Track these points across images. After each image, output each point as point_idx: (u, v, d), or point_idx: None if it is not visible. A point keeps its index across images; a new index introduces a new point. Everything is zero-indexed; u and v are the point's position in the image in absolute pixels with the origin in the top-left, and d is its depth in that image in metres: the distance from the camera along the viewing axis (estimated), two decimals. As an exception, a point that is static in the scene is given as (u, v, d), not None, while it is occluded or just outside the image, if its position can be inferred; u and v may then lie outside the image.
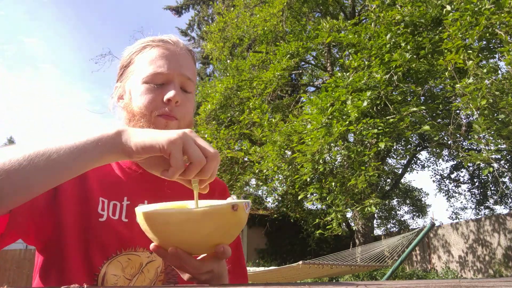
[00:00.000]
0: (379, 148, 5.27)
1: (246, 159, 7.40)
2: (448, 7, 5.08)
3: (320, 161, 5.53)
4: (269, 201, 14.32)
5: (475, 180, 13.22)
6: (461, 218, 14.03)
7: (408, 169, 12.64)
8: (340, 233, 5.87)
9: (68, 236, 0.77)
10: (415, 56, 5.78)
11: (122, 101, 0.91)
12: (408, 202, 15.26)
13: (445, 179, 14.12)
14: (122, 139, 0.60)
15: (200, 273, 0.65)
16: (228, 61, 9.55)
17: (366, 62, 6.02)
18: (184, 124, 0.88)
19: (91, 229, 0.78)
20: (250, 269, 4.91)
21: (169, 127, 0.83)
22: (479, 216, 11.95)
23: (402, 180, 13.70)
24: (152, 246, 0.64)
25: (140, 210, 0.62)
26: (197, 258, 0.67)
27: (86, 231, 0.78)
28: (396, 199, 15.08)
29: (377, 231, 14.71)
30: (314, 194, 6.03)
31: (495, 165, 4.49)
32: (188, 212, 0.58)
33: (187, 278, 0.68)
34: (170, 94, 0.83)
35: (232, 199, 0.67)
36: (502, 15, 4.48)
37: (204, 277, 0.67)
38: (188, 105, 0.89)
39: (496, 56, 5.61)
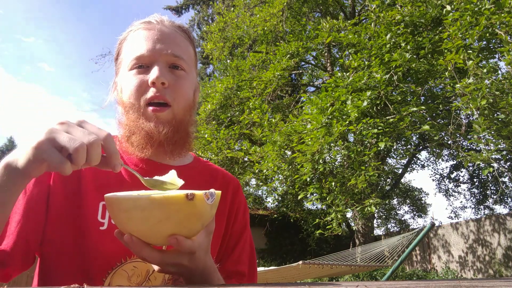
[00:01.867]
0: (379, 148, 5.27)
1: (246, 159, 7.40)
2: (448, 7, 5.08)
3: (320, 161, 5.53)
4: (269, 201, 14.33)
5: (475, 179, 13.23)
6: (460, 218, 14.04)
7: (408, 169, 12.65)
8: (340, 233, 5.87)
9: (64, 251, 0.74)
10: (415, 56, 5.78)
11: (116, 95, 0.87)
12: (408, 202, 15.26)
13: (445, 179, 14.13)
14: (12, 168, 0.57)
15: (163, 264, 0.62)
16: (228, 61, 9.56)
17: (366, 62, 6.02)
18: (180, 108, 0.82)
19: (92, 240, 0.74)
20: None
21: (161, 118, 0.79)
22: (479, 216, 11.96)
23: (402, 180, 13.70)
24: (115, 232, 0.62)
25: (106, 195, 0.60)
26: (163, 249, 0.64)
27: (85, 243, 0.74)
28: (396, 199, 15.08)
29: (377, 231, 14.72)
30: (314, 194, 6.03)
31: (495, 165, 4.49)
32: (135, 198, 0.55)
33: (156, 270, 0.65)
34: (153, 75, 0.77)
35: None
36: (502, 15, 4.47)
37: (172, 269, 0.63)
38: (181, 85, 0.82)
39: (496, 56, 5.61)
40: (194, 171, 0.92)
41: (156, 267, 0.65)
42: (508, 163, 10.38)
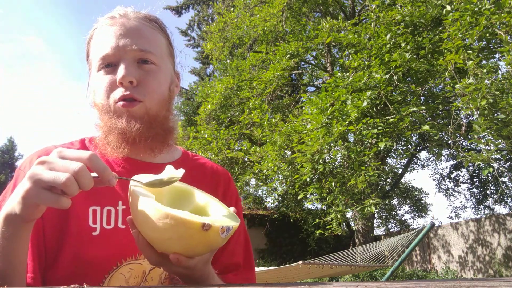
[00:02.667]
0: (379, 148, 5.27)
1: (246, 159, 7.40)
2: (448, 7, 5.08)
3: (320, 161, 5.53)
4: (269, 201, 14.32)
5: (475, 179, 13.23)
6: (460, 217, 14.05)
7: (408, 169, 12.65)
8: (340, 233, 5.86)
9: (58, 260, 0.73)
10: (415, 56, 5.78)
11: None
12: (408, 202, 15.26)
13: (445, 179, 14.13)
14: (12, 218, 0.58)
15: (159, 265, 0.62)
16: (228, 61, 9.55)
17: (366, 62, 6.02)
18: (153, 104, 0.79)
19: (85, 247, 0.73)
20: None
21: (132, 113, 0.76)
22: (479, 216, 11.96)
23: (402, 180, 13.71)
24: (128, 218, 0.62)
25: (134, 182, 0.61)
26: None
27: (79, 250, 0.73)
28: (396, 199, 15.08)
29: (377, 231, 14.72)
30: (314, 194, 6.03)
31: (495, 165, 4.49)
32: (155, 207, 0.56)
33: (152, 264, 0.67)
34: (119, 74, 0.75)
35: (228, 212, 0.64)
36: (502, 15, 4.47)
37: (168, 270, 0.64)
38: (151, 80, 0.78)
39: (496, 56, 5.61)
40: (182, 166, 0.91)
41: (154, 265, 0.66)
42: (508, 163, 10.39)
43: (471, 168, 12.53)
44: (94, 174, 0.57)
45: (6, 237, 0.59)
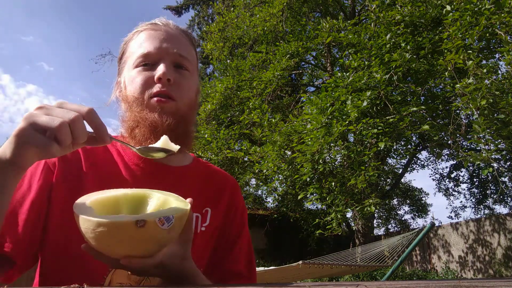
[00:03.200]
0: (379, 148, 5.27)
1: (246, 159, 7.40)
2: (448, 7, 5.08)
3: (320, 161, 5.53)
4: (269, 201, 14.33)
5: (475, 179, 13.23)
6: (460, 217, 14.05)
7: (408, 169, 12.65)
8: (340, 233, 5.87)
9: (64, 249, 0.74)
10: (415, 56, 5.78)
11: (120, 94, 0.89)
12: (408, 202, 15.26)
13: (445, 178, 14.13)
14: (2, 161, 0.55)
15: (127, 269, 0.62)
16: (228, 61, 9.55)
17: (366, 62, 6.02)
18: (183, 105, 0.83)
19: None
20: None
21: (163, 108, 0.80)
22: (479, 216, 11.96)
23: (402, 180, 13.70)
24: (82, 246, 0.62)
25: (78, 200, 0.61)
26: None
27: (85, 241, 0.74)
28: (396, 199, 15.08)
29: (377, 231, 14.72)
30: (314, 194, 6.03)
31: (495, 165, 4.50)
32: (87, 220, 0.55)
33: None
34: (159, 71, 0.80)
35: (178, 203, 0.63)
36: (502, 15, 4.47)
37: (140, 274, 0.64)
38: (185, 83, 0.84)
39: (496, 56, 5.61)
40: (193, 171, 0.92)
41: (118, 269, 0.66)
42: (508, 163, 10.38)
43: (471, 168, 12.54)
44: (90, 130, 0.57)
45: None
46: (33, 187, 0.76)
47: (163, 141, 0.67)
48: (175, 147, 0.66)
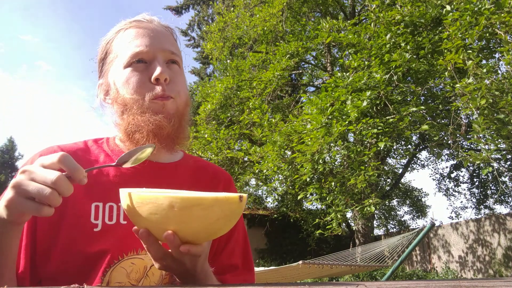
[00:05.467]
0: (378, 148, 5.27)
1: (246, 159, 7.40)
2: (448, 7, 5.08)
3: (320, 161, 5.53)
4: (269, 201, 14.32)
5: (475, 179, 13.23)
6: (461, 218, 14.04)
7: (408, 168, 12.65)
8: (340, 233, 5.87)
9: (59, 254, 0.74)
10: (415, 56, 5.78)
11: (109, 96, 0.85)
12: (408, 202, 15.25)
13: (445, 179, 14.12)
14: (1, 220, 0.60)
15: (165, 260, 0.64)
16: (228, 61, 9.56)
17: (366, 62, 6.02)
18: (181, 101, 0.83)
19: (87, 242, 0.75)
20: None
21: (166, 108, 0.79)
22: (479, 216, 11.96)
23: (402, 180, 13.70)
24: (133, 229, 0.63)
25: (134, 192, 0.61)
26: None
27: (81, 245, 0.74)
28: (396, 199, 15.07)
29: (377, 231, 14.72)
30: (314, 194, 6.03)
31: (495, 164, 4.49)
32: (199, 198, 0.58)
33: (156, 267, 0.67)
34: (156, 72, 0.78)
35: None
36: (502, 15, 4.47)
37: (172, 267, 0.65)
38: (180, 79, 0.84)
39: (496, 55, 5.61)
40: (183, 167, 0.92)
41: (156, 265, 0.66)
42: (508, 163, 10.38)
43: (471, 168, 12.54)
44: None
45: None
46: None
47: (137, 148, 0.69)
48: (150, 146, 0.69)
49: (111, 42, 0.86)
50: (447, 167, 15.28)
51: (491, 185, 12.73)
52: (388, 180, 13.35)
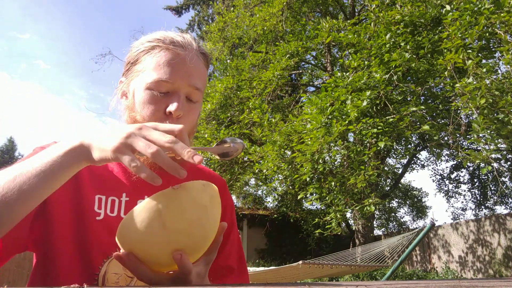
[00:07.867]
0: (378, 148, 5.27)
1: (246, 159, 7.41)
2: (448, 7, 5.08)
3: (320, 161, 5.53)
4: (269, 201, 14.33)
5: (475, 180, 13.22)
6: (461, 218, 14.03)
7: (408, 169, 12.65)
8: (339, 233, 5.87)
9: (62, 239, 0.75)
10: (414, 56, 5.78)
11: (125, 100, 0.87)
12: (408, 203, 15.25)
13: (445, 179, 14.12)
14: (85, 150, 0.60)
15: (155, 283, 0.62)
16: (228, 61, 9.56)
17: (366, 62, 6.02)
18: (186, 132, 0.85)
19: (88, 229, 0.77)
20: (250, 269, 4.91)
21: None
22: (479, 216, 11.95)
23: (402, 180, 13.70)
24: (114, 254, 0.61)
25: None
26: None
27: (82, 232, 0.76)
28: (396, 200, 15.07)
29: (377, 231, 14.72)
30: (314, 194, 6.03)
31: (495, 164, 4.49)
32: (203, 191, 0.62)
33: None
34: (172, 107, 0.78)
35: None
36: (502, 14, 4.47)
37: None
38: (191, 115, 0.84)
39: (496, 55, 5.61)
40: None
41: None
42: (508, 163, 10.39)
43: (471, 168, 12.53)
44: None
45: (61, 163, 0.59)
46: None
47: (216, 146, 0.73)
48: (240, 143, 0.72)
49: (144, 54, 0.85)
50: (447, 167, 15.27)
51: (491, 185, 12.73)
52: (388, 180, 13.35)
